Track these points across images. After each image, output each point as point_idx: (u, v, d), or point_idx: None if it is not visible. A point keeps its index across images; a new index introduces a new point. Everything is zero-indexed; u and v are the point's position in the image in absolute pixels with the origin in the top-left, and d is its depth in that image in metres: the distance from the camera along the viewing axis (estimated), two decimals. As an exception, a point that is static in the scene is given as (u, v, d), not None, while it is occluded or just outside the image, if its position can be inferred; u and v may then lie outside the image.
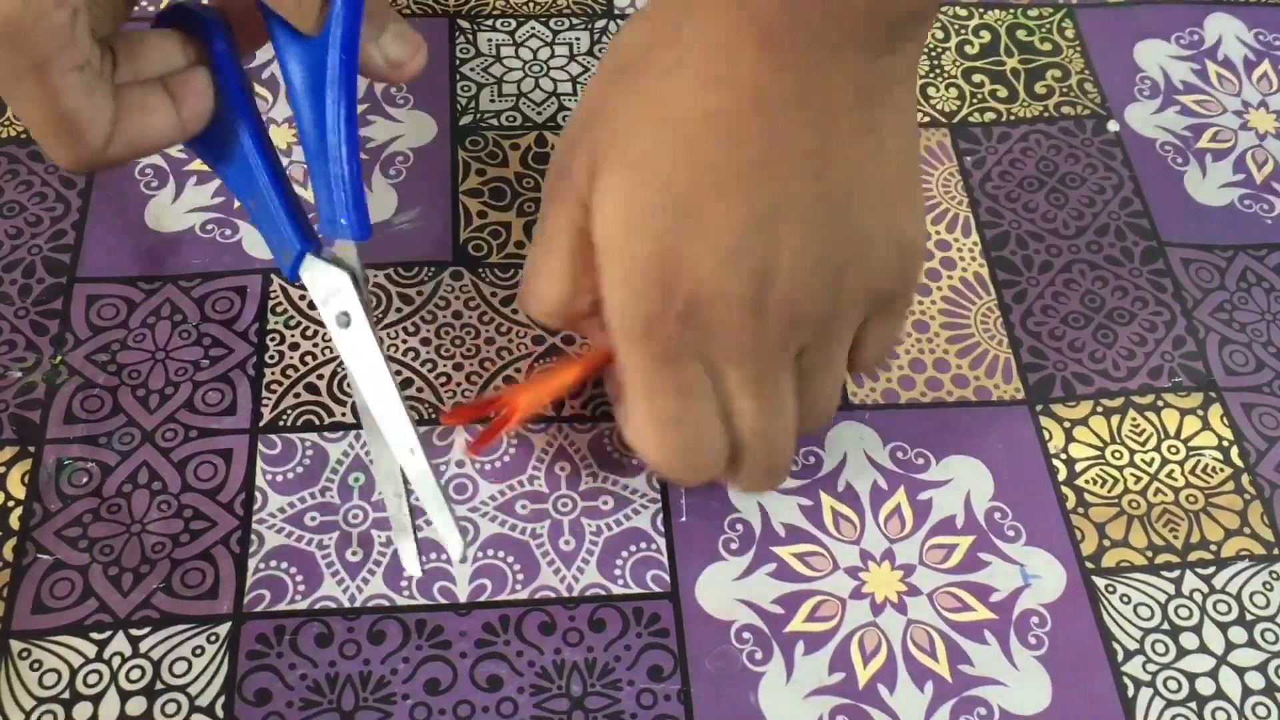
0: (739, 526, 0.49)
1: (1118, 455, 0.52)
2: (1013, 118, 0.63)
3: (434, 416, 0.51)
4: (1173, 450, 0.52)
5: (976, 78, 0.64)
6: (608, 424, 0.51)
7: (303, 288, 0.45)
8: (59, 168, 0.42)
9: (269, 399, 0.51)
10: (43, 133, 0.40)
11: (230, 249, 0.55)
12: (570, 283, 0.42)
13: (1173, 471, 0.52)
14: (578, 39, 0.64)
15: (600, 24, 0.65)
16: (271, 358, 0.52)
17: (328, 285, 0.42)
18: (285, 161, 0.52)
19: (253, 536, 0.48)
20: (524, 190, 0.58)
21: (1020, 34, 0.66)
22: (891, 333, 0.45)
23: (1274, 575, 0.49)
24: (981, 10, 0.67)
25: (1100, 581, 0.49)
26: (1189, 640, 0.48)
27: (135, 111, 0.41)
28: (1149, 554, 0.49)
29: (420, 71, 0.42)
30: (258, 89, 0.60)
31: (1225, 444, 0.52)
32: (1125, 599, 0.48)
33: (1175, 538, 0.50)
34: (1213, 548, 0.50)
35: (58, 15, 0.37)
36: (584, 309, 0.43)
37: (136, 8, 0.42)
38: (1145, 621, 0.48)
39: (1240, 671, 0.47)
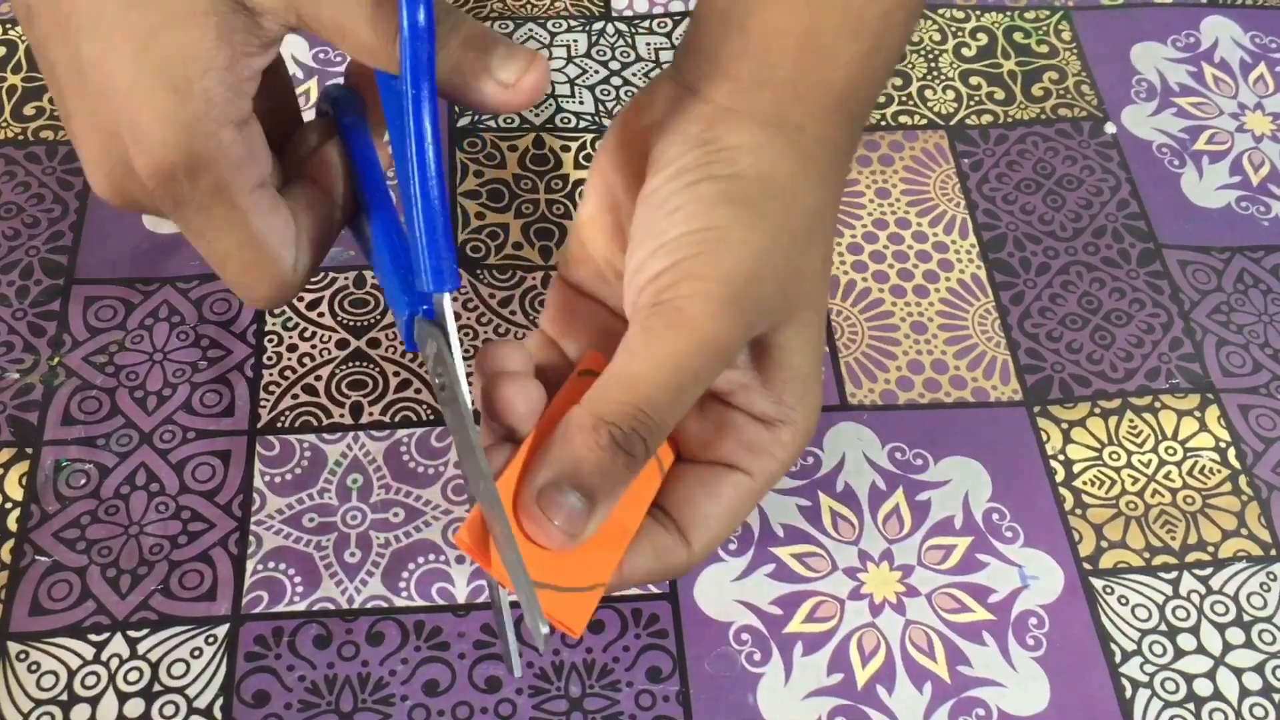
0: (737, 527, 0.49)
1: (1115, 456, 0.52)
2: (1010, 120, 0.63)
3: (431, 419, 0.51)
4: (1170, 451, 0.52)
5: (974, 80, 0.64)
6: (606, 425, 0.51)
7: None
8: (257, 308, 0.40)
9: (267, 400, 0.51)
10: (240, 266, 0.37)
11: (228, 250, 0.55)
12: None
13: (1170, 473, 0.52)
14: (575, 41, 0.64)
15: (597, 26, 0.65)
16: (270, 359, 0.52)
17: (428, 350, 0.37)
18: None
19: (251, 538, 0.48)
20: (521, 192, 0.58)
21: (1017, 36, 0.66)
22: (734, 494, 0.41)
23: (1271, 576, 0.49)
24: (979, 13, 0.67)
25: (1098, 582, 0.49)
26: (1186, 641, 0.48)
27: (303, 213, 0.38)
28: (1146, 555, 0.50)
29: (540, 90, 0.36)
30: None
31: (1223, 445, 0.53)
32: (1123, 600, 0.48)
33: (1173, 539, 0.50)
34: (1210, 549, 0.50)
35: (226, 133, 0.34)
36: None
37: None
38: (1143, 622, 0.48)
39: (1238, 672, 0.47)
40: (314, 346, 0.52)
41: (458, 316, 0.54)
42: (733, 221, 0.37)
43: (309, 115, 0.42)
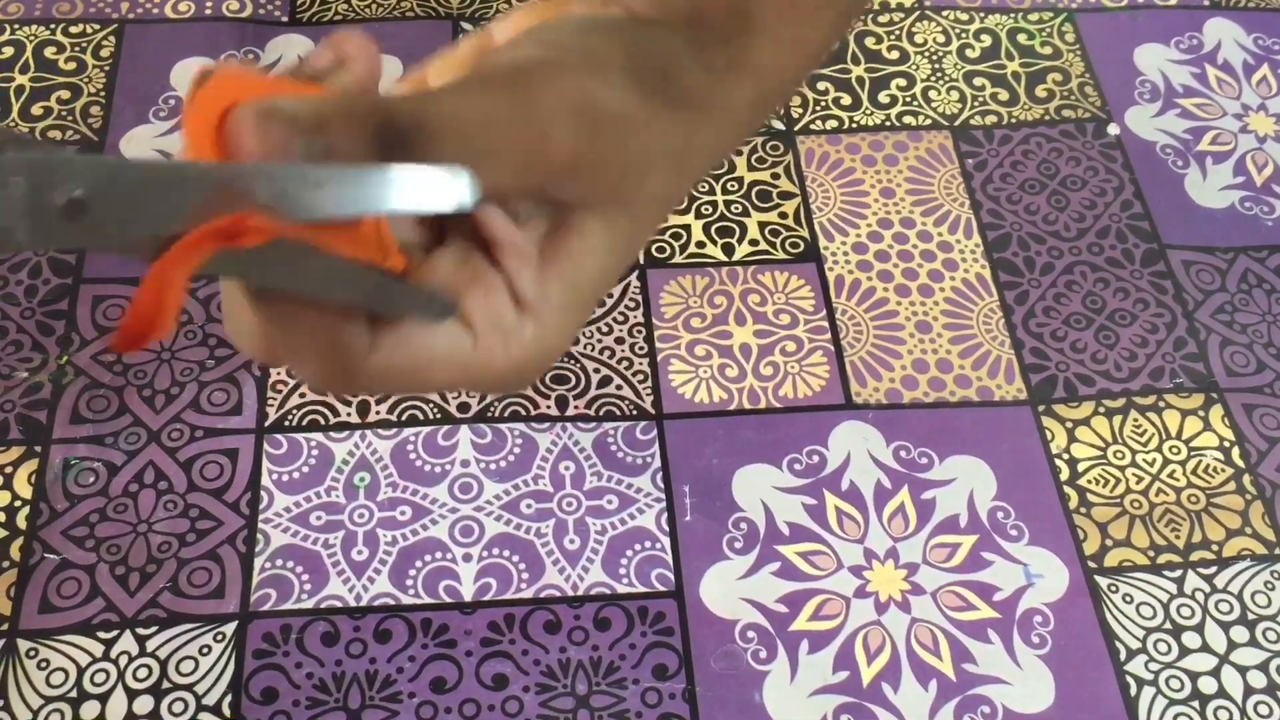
0: (743, 525, 0.49)
1: (1120, 455, 0.52)
2: (1014, 121, 0.63)
3: (439, 416, 0.51)
4: (1174, 450, 0.53)
5: (978, 81, 0.64)
6: (612, 424, 0.51)
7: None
8: None
9: (274, 399, 0.51)
10: None
11: (235, 250, 0.55)
12: None
13: (1174, 472, 0.52)
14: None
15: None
16: (277, 358, 0.52)
17: (14, 188, 0.24)
18: None
19: (259, 536, 0.48)
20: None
21: (1021, 38, 0.67)
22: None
23: (1275, 575, 0.49)
24: (982, 14, 0.67)
25: (1103, 581, 0.49)
26: (1191, 639, 0.48)
27: None
28: (1151, 554, 0.50)
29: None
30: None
31: (1226, 444, 0.53)
32: (1128, 598, 0.49)
33: (1177, 537, 0.50)
34: (1214, 547, 0.50)
35: None
36: None
37: None
38: (1147, 621, 0.48)
39: (1242, 670, 0.47)
40: (321, 345, 0.53)
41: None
42: (606, 40, 0.32)
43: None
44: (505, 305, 0.33)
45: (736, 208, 0.58)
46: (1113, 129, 0.63)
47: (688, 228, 0.58)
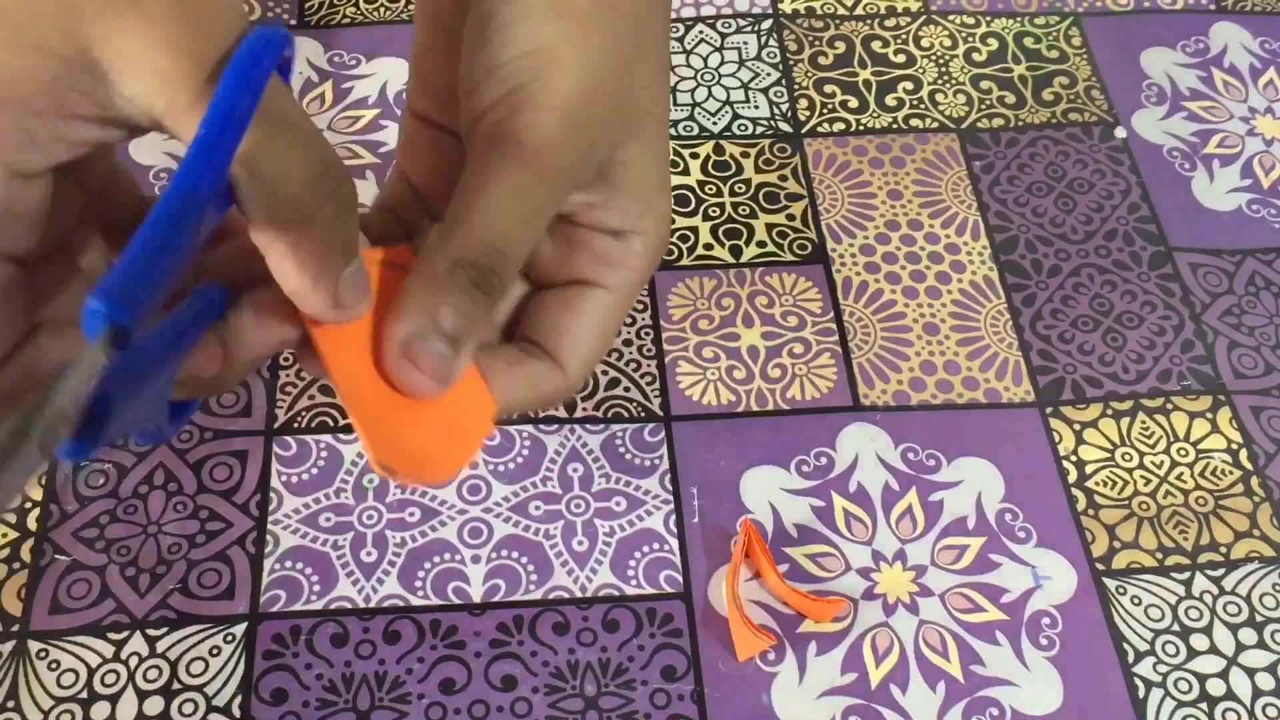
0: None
1: (1128, 457, 0.52)
2: (1021, 124, 0.63)
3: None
4: (1182, 453, 0.53)
5: (985, 84, 0.65)
6: (620, 425, 0.52)
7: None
8: None
9: (284, 401, 0.51)
10: None
11: (245, 253, 0.55)
12: None
13: (1182, 474, 0.52)
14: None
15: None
16: (286, 360, 0.52)
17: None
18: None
19: (268, 537, 0.48)
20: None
21: (1028, 41, 0.67)
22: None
23: (1283, 577, 0.49)
24: (989, 18, 0.67)
25: (1111, 583, 0.49)
26: (1199, 641, 0.48)
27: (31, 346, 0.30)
28: (1159, 555, 0.50)
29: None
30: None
31: (1234, 447, 0.53)
32: (1136, 600, 0.49)
33: (1185, 539, 0.50)
34: (1222, 549, 0.50)
35: None
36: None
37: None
38: (1156, 623, 0.48)
39: (1250, 672, 0.47)
40: (330, 348, 0.53)
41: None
42: (564, 38, 0.35)
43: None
44: (607, 244, 0.38)
45: (744, 209, 0.58)
46: (1119, 132, 0.63)
47: (695, 230, 0.58)
